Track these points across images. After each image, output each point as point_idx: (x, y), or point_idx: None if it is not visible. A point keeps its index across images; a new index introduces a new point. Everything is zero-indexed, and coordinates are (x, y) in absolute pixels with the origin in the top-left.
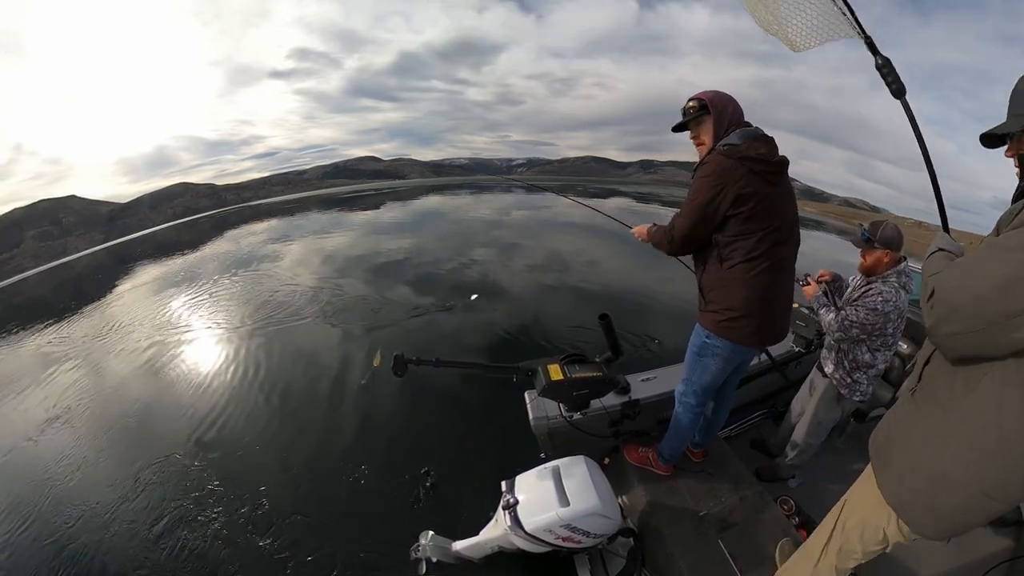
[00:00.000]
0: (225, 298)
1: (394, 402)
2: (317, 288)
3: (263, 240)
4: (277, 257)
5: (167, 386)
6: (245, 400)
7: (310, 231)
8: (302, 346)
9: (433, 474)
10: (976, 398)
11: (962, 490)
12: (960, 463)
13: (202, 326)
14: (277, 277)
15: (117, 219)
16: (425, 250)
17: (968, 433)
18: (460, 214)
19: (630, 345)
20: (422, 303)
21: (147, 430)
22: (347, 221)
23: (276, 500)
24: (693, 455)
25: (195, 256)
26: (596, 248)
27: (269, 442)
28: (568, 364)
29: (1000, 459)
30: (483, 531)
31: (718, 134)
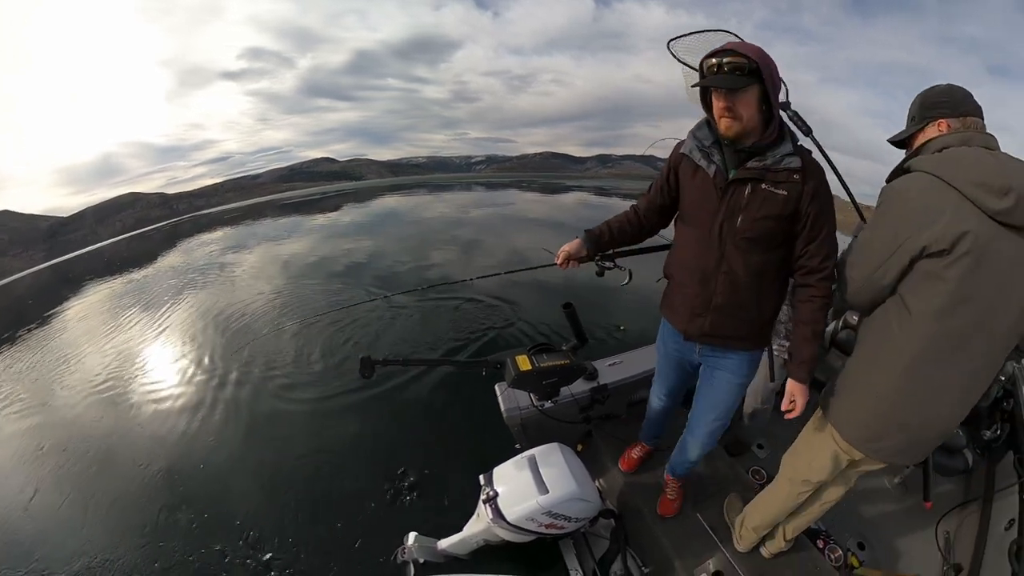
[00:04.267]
0: (183, 314)
1: (364, 406)
2: (277, 297)
3: (219, 250)
4: (234, 267)
5: (127, 415)
6: (211, 420)
7: (267, 238)
8: (265, 358)
9: (410, 475)
10: (873, 331)
11: (866, 396)
12: (864, 376)
13: (161, 346)
14: (235, 288)
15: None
16: (385, 252)
17: (869, 354)
18: (419, 213)
19: (595, 332)
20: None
21: (110, 466)
22: (304, 226)
23: (252, 521)
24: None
25: (148, 271)
26: (557, 242)
27: (239, 461)
28: (536, 354)
29: (884, 367)
30: (467, 526)
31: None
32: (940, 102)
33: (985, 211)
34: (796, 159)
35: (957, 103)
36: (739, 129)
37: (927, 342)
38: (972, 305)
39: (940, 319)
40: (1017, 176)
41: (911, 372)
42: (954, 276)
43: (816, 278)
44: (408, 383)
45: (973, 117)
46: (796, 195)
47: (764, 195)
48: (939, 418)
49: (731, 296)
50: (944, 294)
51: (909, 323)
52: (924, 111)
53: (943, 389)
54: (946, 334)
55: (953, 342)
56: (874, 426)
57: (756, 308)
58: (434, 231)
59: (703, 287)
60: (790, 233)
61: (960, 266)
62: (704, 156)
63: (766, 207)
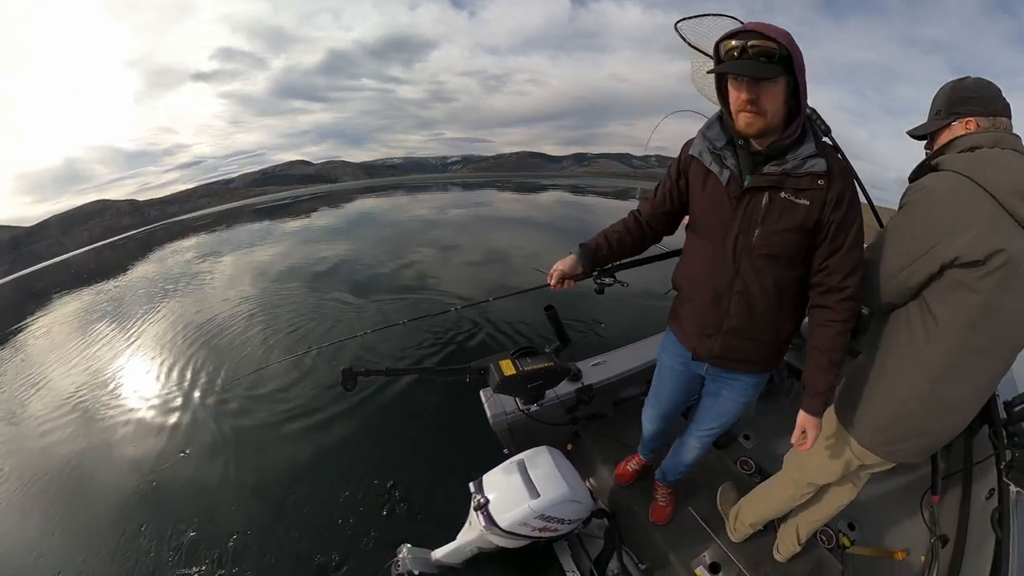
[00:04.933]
0: (158, 325)
1: (347, 420)
2: (253, 305)
3: (193, 258)
4: (209, 275)
5: (99, 433)
6: (188, 436)
7: (241, 244)
8: (245, 370)
9: (399, 487)
10: (894, 337)
11: (884, 402)
12: (882, 382)
13: (134, 360)
14: (211, 297)
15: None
16: (361, 255)
17: (888, 359)
18: (396, 215)
19: (577, 333)
20: (361, 311)
21: (80, 487)
22: (279, 231)
23: (236, 541)
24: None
25: (120, 282)
26: (535, 241)
27: (220, 479)
28: (519, 358)
29: (904, 375)
30: (459, 535)
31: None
32: (969, 98)
33: (1021, 222)
34: (821, 161)
35: (988, 100)
36: (761, 126)
37: (955, 355)
38: (1001, 318)
39: (969, 331)
40: None
41: (938, 383)
42: (987, 289)
43: (836, 299)
44: (391, 394)
45: (1003, 117)
46: (819, 204)
47: (784, 205)
48: (960, 423)
49: (746, 319)
50: (976, 307)
51: (937, 333)
52: (952, 106)
53: (966, 399)
54: (974, 346)
55: (979, 354)
56: (895, 431)
57: (773, 331)
58: (411, 233)
59: (715, 306)
60: (811, 246)
61: (993, 279)
62: (716, 160)
63: (785, 219)
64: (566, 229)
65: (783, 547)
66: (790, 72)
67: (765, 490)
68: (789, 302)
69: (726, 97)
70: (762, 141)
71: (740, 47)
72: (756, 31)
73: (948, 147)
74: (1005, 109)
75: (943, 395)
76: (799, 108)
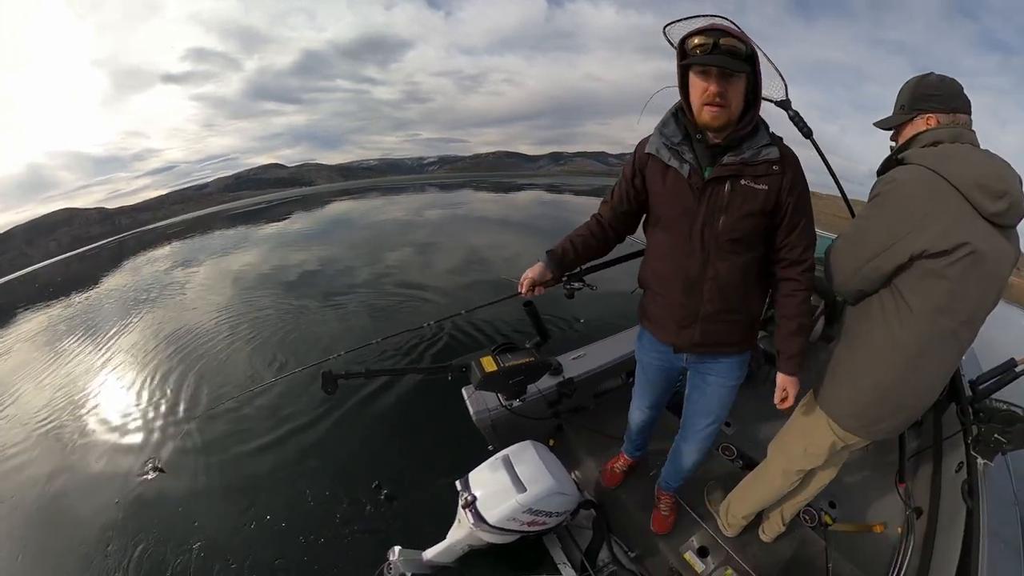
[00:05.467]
0: (132, 340)
1: (329, 424)
2: (231, 313)
3: (167, 267)
4: (184, 284)
5: (74, 454)
6: (168, 455)
7: (216, 251)
8: (223, 379)
9: (385, 488)
10: (869, 324)
11: (862, 387)
12: (860, 368)
13: (110, 378)
14: (187, 307)
15: None
16: (338, 259)
17: (864, 346)
18: (372, 218)
19: (557, 328)
20: (340, 314)
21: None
22: (254, 236)
23: (222, 555)
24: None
25: (90, 294)
26: (512, 240)
27: (202, 493)
28: (500, 354)
29: (881, 360)
30: (449, 534)
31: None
32: (931, 95)
33: (981, 212)
34: (774, 149)
35: (949, 97)
36: (726, 119)
37: (928, 338)
38: (967, 302)
39: (940, 316)
40: (1012, 180)
41: (914, 365)
42: (953, 276)
43: (798, 270)
44: (372, 395)
45: (962, 114)
46: (776, 188)
47: (745, 192)
48: (932, 398)
49: (720, 303)
50: (944, 293)
51: (910, 319)
52: (915, 102)
53: (938, 374)
54: (945, 329)
55: (949, 335)
56: (876, 413)
57: (746, 310)
58: (388, 236)
59: (688, 297)
60: (771, 227)
61: (960, 266)
62: (674, 155)
63: (748, 204)
64: (544, 228)
65: (769, 529)
66: (752, 70)
67: (754, 482)
68: (755, 281)
69: (687, 92)
70: (720, 134)
71: (711, 43)
72: (725, 30)
73: (912, 142)
74: (965, 106)
75: (919, 376)
76: (755, 102)
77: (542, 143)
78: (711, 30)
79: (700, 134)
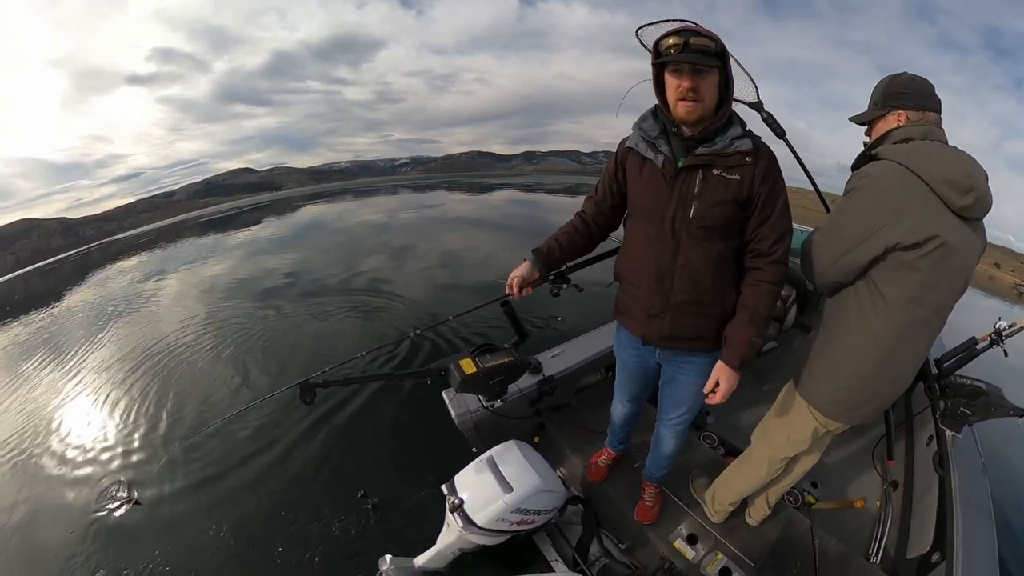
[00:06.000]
0: (102, 358)
1: (308, 436)
2: (204, 326)
3: (136, 279)
4: (154, 297)
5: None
6: (147, 471)
7: (187, 261)
8: (199, 399)
9: (372, 498)
10: (846, 315)
11: (843, 376)
12: (839, 358)
13: (79, 401)
14: (158, 321)
15: None
16: (311, 265)
17: (843, 337)
18: (345, 221)
19: (535, 327)
20: (316, 322)
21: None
22: (225, 244)
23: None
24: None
25: (54, 310)
26: (487, 241)
27: (181, 516)
28: (479, 355)
29: (860, 350)
30: (439, 539)
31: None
32: (903, 93)
33: (950, 206)
34: (747, 141)
35: (919, 96)
36: (700, 113)
37: (904, 327)
38: (938, 291)
39: (913, 306)
40: (978, 176)
41: (891, 353)
42: (925, 267)
43: (767, 261)
44: (351, 404)
45: (932, 112)
46: (749, 178)
47: (717, 181)
48: (906, 383)
49: (691, 292)
50: (917, 284)
51: (886, 309)
52: (887, 99)
53: (912, 361)
54: (918, 318)
55: (922, 323)
56: (856, 399)
57: (719, 304)
58: (362, 240)
59: (659, 285)
60: (744, 218)
61: (931, 258)
62: (651, 147)
63: (719, 193)
64: (520, 228)
65: (755, 513)
66: (722, 66)
67: (739, 469)
68: (729, 274)
69: (662, 90)
70: (695, 128)
71: (682, 43)
72: (695, 30)
73: (885, 138)
74: (935, 105)
75: (896, 363)
76: (727, 98)
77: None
78: (682, 31)
79: (676, 128)
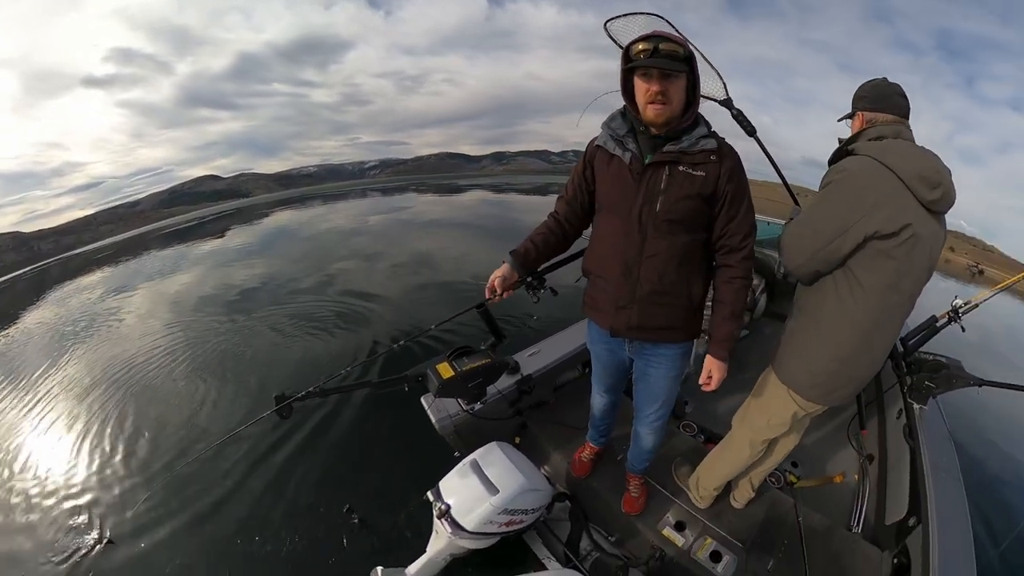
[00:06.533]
0: (64, 383)
1: (288, 455)
2: (172, 344)
3: (98, 296)
4: (119, 314)
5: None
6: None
7: (152, 274)
8: (174, 420)
9: (357, 511)
10: (825, 302)
11: (822, 360)
12: (818, 344)
13: (40, 431)
14: (124, 340)
15: None
16: (281, 274)
17: (821, 323)
18: (314, 227)
19: (511, 327)
20: (288, 333)
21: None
22: (191, 255)
23: None
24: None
25: (10, 334)
26: (459, 242)
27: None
28: (456, 359)
29: (839, 335)
30: (429, 547)
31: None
32: (863, 96)
33: (920, 200)
34: (711, 140)
35: (874, 99)
36: (668, 116)
37: (880, 312)
38: (910, 278)
39: (889, 292)
40: (944, 172)
41: (868, 338)
42: (899, 255)
43: (737, 257)
44: (328, 419)
45: (884, 114)
46: (714, 176)
47: (682, 176)
48: (879, 365)
49: (657, 284)
50: (892, 271)
51: (863, 296)
52: (854, 102)
53: (885, 344)
54: (893, 303)
55: (896, 307)
56: (834, 383)
57: (686, 295)
58: (333, 246)
59: (626, 277)
60: (710, 214)
61: (904, 247)
62: (619, 145)
63: (685, 188)
64: (492, 229)
65: (740, 496)
66: (690, 70)
67: (721, 454)
68: (695, 265)
69: (630, 92)
70: (662, 128)
71: (652, 48)
72: (665, 36)
73: (860, 135)
74: (892, 107)
75: (872, 346)
76: (694, 100)
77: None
78: (652, 36)
79: (643, 127)
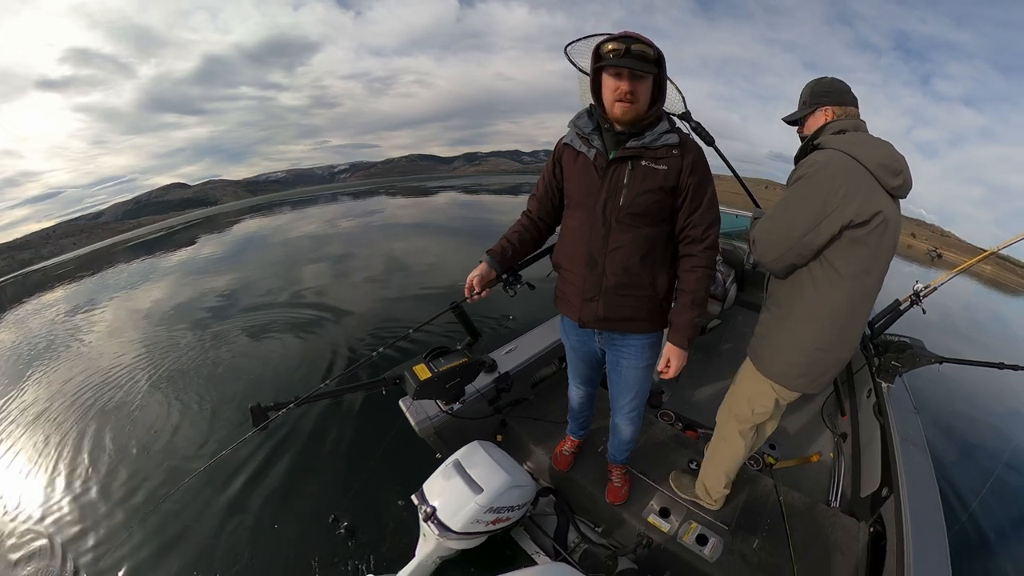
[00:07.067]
0: (28, 405)
1: (266, 469)
2: (142, 359)
3: (62, 314)
4: (85, 332)
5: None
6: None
7: (119, 289)
8: (144, 438)
9: (343, 520)
10: (802, 293)
11: (805, 351)
12: (800, 335)
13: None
14: (91, 359)
15: None
16: (252, 283)
17: (801, 315)
18: (285, 234)
19: (486, 326)
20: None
21: None
22: (159, 267)
23: None
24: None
25: None
26: (431, 245)
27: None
28: (433, 359)
29: (819, 324)
30: (417, 550)
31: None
32: (828, 92)
33: (884, 187)
34: (673, 136)
35: (839, 94)
36: (635, 113)
37: (856, 297)
38: (880, 261)
39: (864, 277)
40: (903, 161)
41: (846, 324)
42: (872, 241)
43: (700, 248)
44: (304, 429)
45: (853, 107)
46: (676, 169)
47: (645, 171)
48: (855, 348)
49: (622, 275)
50: (865, 257)
51: (840, 283)
52: (814, 98)
53: (861, 327)
54: (867, 288)
55: (869, 291)
56: (815, 370)
57: (650, 285)
58: (305, 252)
59: (591, 270)
60: (673, 207)
61: (876, 233)
62: (584, 142)
63: (648, 182)
64: (464, 230)
65: None
66: (658, 72)
67: (718, 452)
68: (660, 257)
69: (598, 91)
70: (627, 125)
71: (624, 48)
72: (636, 37)
73: (822, 130)
74: (854, 101)
75: (850, 332)
76: (660, 99)
77: (455, 144)
78: (624, 37)
79: (609, 124)
